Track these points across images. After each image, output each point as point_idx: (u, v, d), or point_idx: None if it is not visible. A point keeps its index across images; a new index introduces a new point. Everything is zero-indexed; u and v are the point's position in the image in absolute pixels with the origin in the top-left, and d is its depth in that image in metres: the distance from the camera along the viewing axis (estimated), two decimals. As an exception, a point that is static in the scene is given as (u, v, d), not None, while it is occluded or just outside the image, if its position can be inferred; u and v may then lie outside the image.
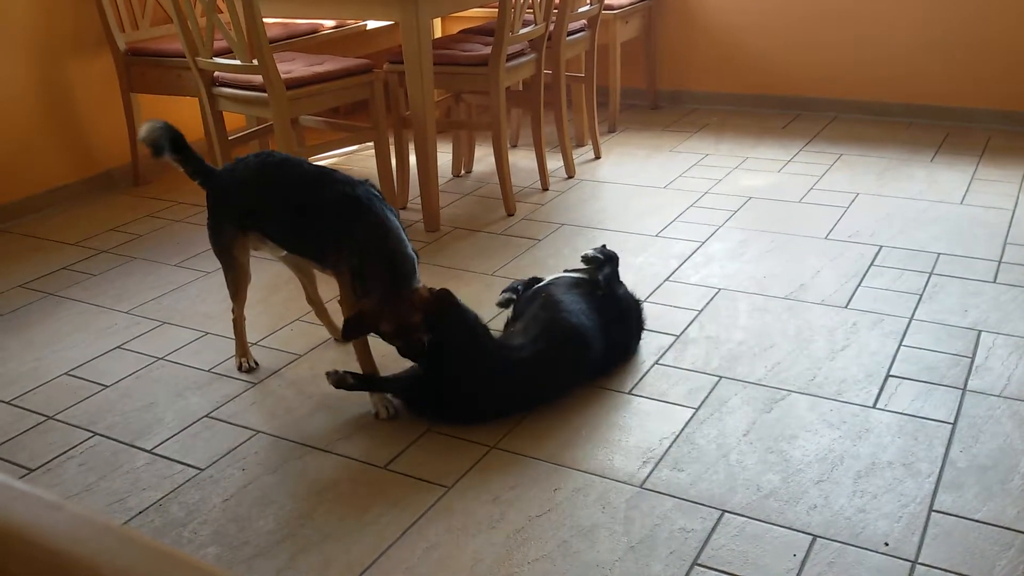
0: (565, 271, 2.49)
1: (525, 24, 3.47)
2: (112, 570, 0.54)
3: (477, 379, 2.15)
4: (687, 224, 3.32)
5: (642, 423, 2.12)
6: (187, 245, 3.35)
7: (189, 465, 2.06)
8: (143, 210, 3.74)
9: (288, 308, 2.79)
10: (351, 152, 4.36)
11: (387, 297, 2.05)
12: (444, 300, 2.12)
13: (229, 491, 1.96)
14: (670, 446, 2.04)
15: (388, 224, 2.12)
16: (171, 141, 2.29)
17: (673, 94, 4.98)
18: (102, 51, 3.86)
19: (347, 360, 2.47)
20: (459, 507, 1.88)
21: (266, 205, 2.25)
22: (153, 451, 2.12)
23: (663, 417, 2.15)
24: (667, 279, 2.88)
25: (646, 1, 4.68)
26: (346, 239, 2.12)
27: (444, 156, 3.99)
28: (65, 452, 2.13)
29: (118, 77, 3.84)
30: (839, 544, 1.72)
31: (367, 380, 2.23)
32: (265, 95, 3.01)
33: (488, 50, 3.38)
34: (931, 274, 2.82)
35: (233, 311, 2.45)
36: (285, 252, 2.34)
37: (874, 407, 2.15)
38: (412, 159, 3.52)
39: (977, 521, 1.76)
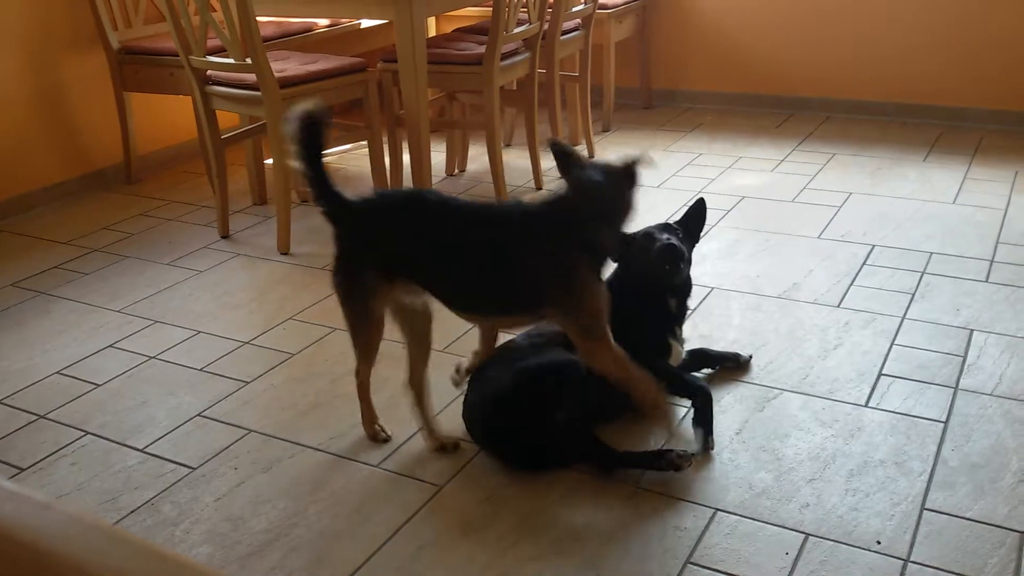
0: None
1: (519, 23, 3.47)
2: (101, 570, 0.54)
3: None
4: (680, 223, 3.32)
5: (635, 423, 2.12)
6: (179, 244, 3.34)
7: (181, 464, 2.06)
8: (135, 209, 3.72)
9: (280, 307, 2.78)
10: (345, 151, 4.35)
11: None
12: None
13: (221, 490, 1.96)
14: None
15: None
16: (314, 145, 1.85)
17: (667, 93, 4.98)
18: (95, 49, 3.84)
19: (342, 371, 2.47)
20: (452, 506, 1.88)
21: (427, 251, 1.88)
22: (145, 450, 2.12)
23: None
24: (660, 278, 2.88)
25: (640, 0, 4.69)
26: (581, 252, 1.79)
27: (438, 155, 3.98)
28: (57, 451, 2.12)
29: (111, 75, 3.83)
30: (831, 542, 1.72)
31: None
32: (259, 94, 3.00)
33: (482, 49, 3.38)
34: (923, 273, 2.83)
35: (358, 373, 2.04)
36: (446, 308, 1.94)
37: (866, 406, 2.15)
38: (406, 158, 3.51)
39: (969, 519, 1.77)
